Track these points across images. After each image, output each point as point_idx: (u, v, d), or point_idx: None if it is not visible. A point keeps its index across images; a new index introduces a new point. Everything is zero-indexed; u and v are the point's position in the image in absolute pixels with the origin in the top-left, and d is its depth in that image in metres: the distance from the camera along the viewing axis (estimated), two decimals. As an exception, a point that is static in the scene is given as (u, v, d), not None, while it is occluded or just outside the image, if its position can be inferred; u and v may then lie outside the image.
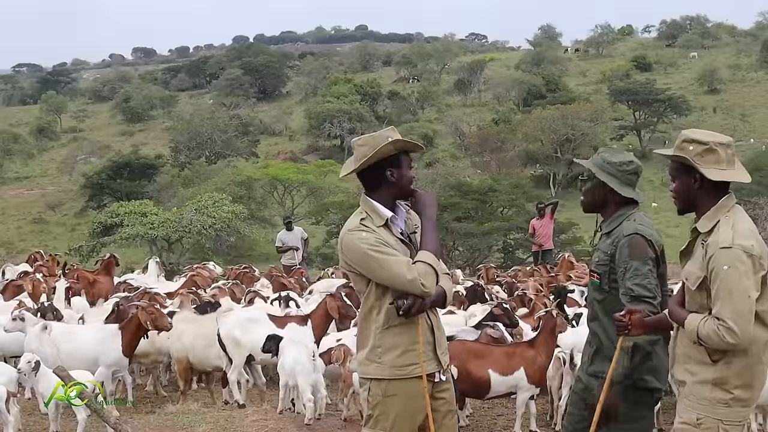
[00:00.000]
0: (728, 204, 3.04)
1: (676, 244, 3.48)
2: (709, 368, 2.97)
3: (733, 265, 2.88)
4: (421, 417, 3.32)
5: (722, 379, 2.95)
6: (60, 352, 6.98)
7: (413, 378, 3.28)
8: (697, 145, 3.03)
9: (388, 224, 3.35)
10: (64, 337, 7.16)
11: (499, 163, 44.10)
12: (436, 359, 3.37)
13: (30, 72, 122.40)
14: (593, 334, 3.68)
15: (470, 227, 25.83)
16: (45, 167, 58.01)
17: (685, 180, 3.09)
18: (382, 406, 3.30)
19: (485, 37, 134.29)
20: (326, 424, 6.38)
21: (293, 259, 13.50)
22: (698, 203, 3.09)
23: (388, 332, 3.29)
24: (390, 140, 3.32)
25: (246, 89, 69.78)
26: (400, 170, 3.39)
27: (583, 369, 3.74)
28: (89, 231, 30.15)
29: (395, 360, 3.28)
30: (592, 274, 3.66)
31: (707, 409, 2.97)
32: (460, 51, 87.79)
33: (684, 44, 76.86)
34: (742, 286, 2.87)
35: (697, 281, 2.99)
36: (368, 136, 3.41)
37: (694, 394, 3.01)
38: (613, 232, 3.59)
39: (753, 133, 52.36)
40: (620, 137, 50.96)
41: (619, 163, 3.60)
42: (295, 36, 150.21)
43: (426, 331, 3.35)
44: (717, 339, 2.88)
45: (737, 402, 2.96)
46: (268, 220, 36.22)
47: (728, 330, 2.85)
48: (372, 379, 3.33)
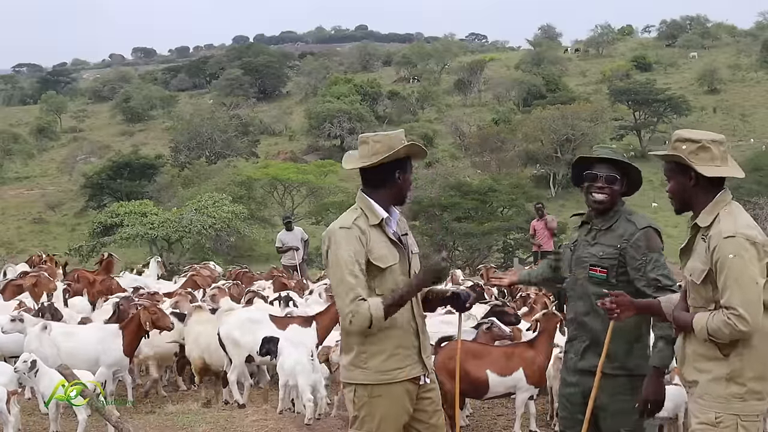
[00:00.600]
0: (725, 199, 3.07)
1: (675, 243, 3.49)
2: (722, 363, 2.98)
3: (738, 253, 2.90)
4: (406, 418, 3.35)
5: (736, 372, 2.96)
6: (60, 351, 6.98)
7: (398, 382, 3.31)
8: (691, 143, 3.08)
9: (381, 224, 3.35)
10: (65, 337, 7.16)
11: (499, 163, 44.13)
12: (421, 362, 3.38)
13: (30, 72, 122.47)
14: (587, 330, 3.67)
15: (470, 227, 25.87)
16: (45, 167, 58.04)
17: (681, 179, 3.12)
18: (368, 407, 3.31)
19: (485, 37, 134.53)
20: (326, 424, 6.38)
21: (293, 259, 13.48)
22: (695, 201, 3.12)
23: (373, 337, 3.29)
24: (405, 143, 3.35)
25: (246, 89, 69.82)
26: (406, 174, 3.41)
27: (571, 367, 3.74)
28: (89, 231, 30.20)
29: (380, 365, 3.29)
30: (594, 269, 3.63)
31: (724, 406, 2.97)
32: (460, 51, 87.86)
33: (684, 44, 76.90)
34: (749, 273, 2.89)
35: (702, 274, 2.99)
36: (383, 134, 3.40)
37: (709, 393, 3.01)
38: (615, 226, 3.62)
39: (753, 133, 52.38)
40: (620, 137, 51.00)
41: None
42: (295, 36, 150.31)
43: (411, 335, 3.37)
44: (728, 329, 2.89)
45: (752, 395, 2.97)
46: (268, 220, 36.25)
47: (739, 318, 2.86)
48: (357, 384, 3.35)
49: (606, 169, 3.65)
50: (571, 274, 3.75)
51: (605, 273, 3.59)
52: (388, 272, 3.30)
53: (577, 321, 3.71)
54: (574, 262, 3.73)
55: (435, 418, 3.45)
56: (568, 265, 3.80)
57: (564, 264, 3.86)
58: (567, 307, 3.83)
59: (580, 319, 3.69)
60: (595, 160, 3.70)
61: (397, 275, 3.34)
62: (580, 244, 3.73)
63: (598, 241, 3.65)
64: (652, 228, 3.58)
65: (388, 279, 3.31)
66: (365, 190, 3.41)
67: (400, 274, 3.35)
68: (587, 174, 3.67)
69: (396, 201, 3.44)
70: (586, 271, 3.65)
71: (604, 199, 3.63)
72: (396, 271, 3.34)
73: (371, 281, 3.29)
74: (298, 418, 6.56)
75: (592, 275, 3.63)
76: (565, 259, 3.86)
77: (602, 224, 3.66)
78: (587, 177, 3.67)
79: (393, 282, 3.31)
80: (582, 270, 3.67)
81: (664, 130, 52.83)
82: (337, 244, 3.26)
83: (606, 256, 3.59)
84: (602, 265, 3.59)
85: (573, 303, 3.74)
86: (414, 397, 3.36)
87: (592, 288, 3.62)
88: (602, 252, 3.61)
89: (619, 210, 3.67)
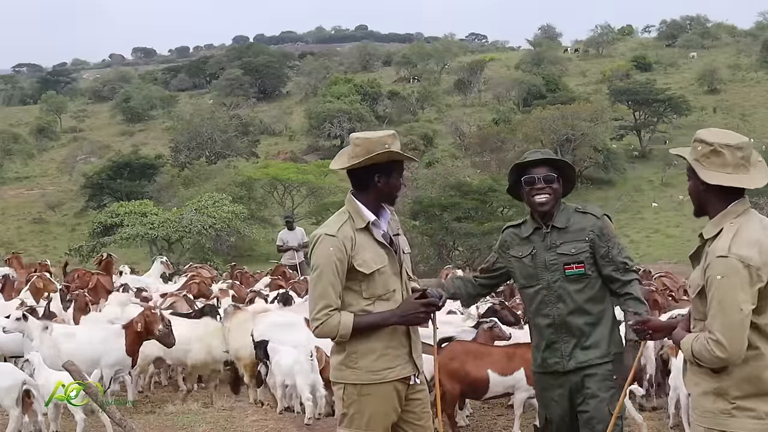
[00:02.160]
0: (737, 210, 2.87)
1: (676, 244, 3.50)
2: (712, 378, 2.86)
3: (727, 275, 2.73)
4: (394, 416, 3.37)
5: (723, 389, 2.84)
6: (61, 352, 6.96)
7: (388, 382, 3.33)
8: (704, 145, 2.89)
9: (368, 227, 3.35)
10: (65, 337, 7.16)
11: (499, 163, 44.05)
12: (411, 363, 3.40)
13: (30, 72, 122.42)
14: (571, 329, 3.70)
15: (470, 227, 25.89)
16: (45, 167, 58.00)
17: (695, 181, 2.95)
18: (357, 405, 3.33)
19: (485, 37, 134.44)
20: (326, 424, 6.39)
21: (293, 259, 13.53)
22: (709, 207, 2.94)
23: (363, 337, 3.31)
24: (386, 148, 3.30)
25: (246, 89, 69.77)
26: (389, 179, 3.38)
27: (559, 370, 3.73)
28: (89, 231, 30.21)
29: (370, 365, 3.31)
30: (570, 267, 3.68)
31: (711, 421, 2.86)
32: (460, 51, 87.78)
33: (684, 44, 76.83)
34: (734, 298, 2.72)
35: (697, 289, 2.89)
36: (365, 137, 3.36)
37: (698, 407, 2.93)
38: (571, 222, 3.71)
39: (753, 133, 52.31)
40: (620, 137, 51.01)
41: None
42: (295, 36, 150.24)
43: (401, 335, 3.38)
44: (708, 354, 2.77)
45: (742, 411, 2.81)
46: (268, 220, 36.27)
47: (716, 343, 2.73)
48: (347, 383, 3.37)
49: (543, 170, 3.71)
50: (537, 282, 3.74)
51: (582, 267, 3.68)
52: (376, 275, 3.32)
53: (556, 324, 3.73)
54: (541, 269, 3.73)
55: (423, 419, 3.46)
56: (526, 275, 3.78)
57: (519, 275, 3.83)
58: (538, 314, 3.77)
59: (562, 320, 3.71)
60: (530, 164, 3.75)
61: (387, 277, 3.36)
62: (539, 251, 3.73)
63: (564, 240, 3.70)
64: (605, 215, 3.79)
65: (377, 282, 3.33)
66: (353, 192, 3.42)
67: (391, 275, 3.37)
68: (526, 179, 3.72)
69: (384, 202, 3.43)
70: (561, 272, 3.69)
71: (547, 200, 3.69)
72: (385, 273, 3.35)
73: (358, 285, 3.32)
74: (298, 418, 6.56)
75: (570, 273, 3.69)
76: (519, 271, 3.81)
77: (558, 224, 3.72)
78: (526, 182, 3.72)
79: (383, 284, 3.34)
80: (556, 272, 3.70)
81: (664, 130, 52.84)
82: (318, 250, 3.31)
83: (579, 251, 3.68)
84: (578, 261, 3.68)
85: (550, 308, 3.72)
86: (403, 396, 3.39)
87: (571, 286, 3.69)
88: (574, 249, 3.68)
89: (565, 208, 3.76)
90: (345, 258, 3.28)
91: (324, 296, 3.27)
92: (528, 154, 3.82)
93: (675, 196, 41.61)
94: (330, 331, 3.29)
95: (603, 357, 3.69)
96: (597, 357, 3.68)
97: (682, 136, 48.47)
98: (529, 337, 4.10)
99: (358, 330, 3.28)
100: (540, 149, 3.96)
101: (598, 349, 3.69)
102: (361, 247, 3.31)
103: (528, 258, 3.77)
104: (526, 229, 3.82)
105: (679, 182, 44.65)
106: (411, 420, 3.43)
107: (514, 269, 3.86)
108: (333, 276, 3.27)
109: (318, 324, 3.29)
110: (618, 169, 46.81)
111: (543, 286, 3.74)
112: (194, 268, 13.01)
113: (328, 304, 3.27)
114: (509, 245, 3.87)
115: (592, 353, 3.68)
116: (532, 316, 3.84)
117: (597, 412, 3.64)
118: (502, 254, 3.91)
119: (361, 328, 3.29)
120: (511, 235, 3.88)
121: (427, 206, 27.71)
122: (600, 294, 3.73)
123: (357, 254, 3.30)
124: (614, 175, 46.88)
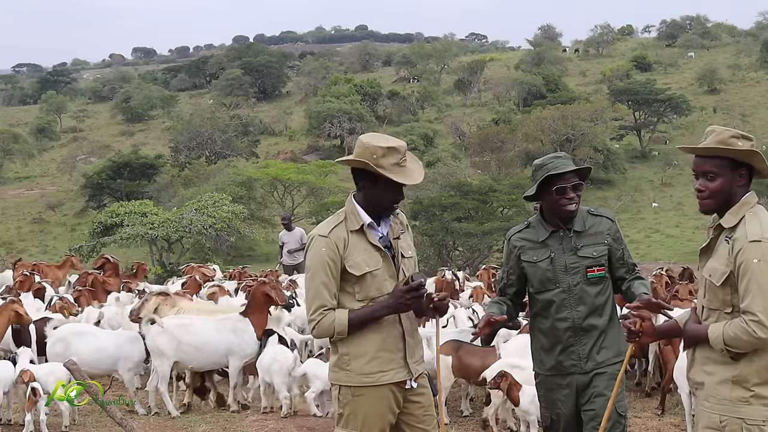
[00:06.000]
0: (752, 201, 3.04)
1: (677, 244, 3.50)
2: (729, 366, 2.94)
3: (764, 258, 2.86)
4: (392, 418, 3.36)
5: (742, 376, 2.91)
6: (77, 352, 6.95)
7: (381, 385, 3.32)
8: (745, 141, 3.02)
9: (363, 229, 3.34)
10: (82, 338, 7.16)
11: (499, 163, 44.09)
12: (406, 367, 3.37)
13: (30, 72, 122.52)
14: (589, 331, 3.71)
15: (470, 227, 25.84)
16: (45, 167, 58.00)
17: (730, 177, 3.01)
18: (352, 406, 3.34)
19: (485, 37, 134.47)
20: (326, 425, 6.38)
21: (294, 259, 13.51)
22: (733, 201, 3.04)
23: (354, 339, 3.31)
24: (374, 158, 3.25)
25: (246, 89, 69.76)
26: (375, 188, 3.32)
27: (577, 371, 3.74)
28: (89, 231, 30.09)
29: (362, 367, 3.31)
30: (592, 270, 3.70)
31: (729, 409, 2.93)
32: (460, 51, 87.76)
33: (684, 44, 76.83)
34: None
35: (723, 276, 2.95)
36: (366, 140, 3.31)
37: (714, 395, 2.97)
38: (587, 224, 3.74)
39: (753, 133, 51.26)
40: (620, 137, 51.02)
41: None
42: (295, 36, 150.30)
43: (395, 338, 3.36)
44: (746, 336, 2.84)
45: (758, 399, 2.91)
46: (268, 220, 36.23)
47: (758, 324, 2.82)
48: (342, 384, 3.37)
49: (574, 179, 3.71)
50: (556, 285, 3.73)
51: (603, 270, 3.73)
52: (368, 277, 3.31)
53: (575, 327, 3.73)
54: (561, 272, 3.72)
55: (425, 422, 3.43)
56: (543, 279, 3.75)
57: (533, 280, 3.80)
58: (555, 318, 3.75)
59: (582, 323, 3.72)
60: (562, 173, 3.71)
61: (380, 280, 3.33)
62: (557, 255, 3.73)
63: (584, 244, 3.72)
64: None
65: (369, 284, 3.32)
66: (355, 193, 3.42)
67: (386, 279, 3.35)
68: (558, 188, 3.68)
69: (377, 209, 3.37)
70: (582, 274, 3.69)
71: (576, 208, 3.73)
72: (379, 276, 3.33)
73: (351, 287, 3.32)
74: (299, 418, 6.56)
75: (591, 276, 3.71)
76: (533, 276, 3.79)
77: (577, 228, 3.74)
78: (558, 191, 3.69)
79: (377, 287, 3.33)
80: (576, 275, 3.70)
81: (664, 130, 52.86)
82: (313, 250, 3.34)
83: (600, 254, 3.72)
84: (599, 263, 3.72)
85: (569, 311, 3.72)
86: (400, 399, 3.38)
87: (591, 289, 3.72)
88: (595, 251, 3.72)
89: (578, 210, 3.78)
90: (337, 258, 3.29)
91: (318, 297, 3.30)
92: (558, 163, 3.72)
93: (675, 197, 41.63)
94: (326, 329, 3.30)
95: (616, 356, 3.74)
96: (612, 357, 3.74)
97: (682, 137, 48.52)
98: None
99: (355, 325, 3.29)
100: (559, 154, 3.90)
101: (613, 348, 3.75)
102: (354, 249, 3.31)
103: (545, 262, 3.74)
104: (541, 233, 3.79)
105: (679, 182, 44.69)
106: (412, 423, 3.41)
107: (527, 274, 3.83)
108: (326, 276, 3.28)
109: (314, 324, 3.31)
110: (618, 169, 46.80)
111: (563, 289, 3.72)
112: (192, 267, 12.92)
113: (322, 304, 3.29)
114: (521, 251, 3.82)
115: (608, 353, 3.73)
116: (545, 320, 3.79)
117: (603, 410, 3.62)
118: (513, 264, 3.86)
119: (356, 323, 3.29)
120: (521, 241, 3.83)
121: (427, 206, 27.66)
122: (611, 295, 3.81)
123: (349, 255, 3.30)
124: (614, 175, 46.86)
